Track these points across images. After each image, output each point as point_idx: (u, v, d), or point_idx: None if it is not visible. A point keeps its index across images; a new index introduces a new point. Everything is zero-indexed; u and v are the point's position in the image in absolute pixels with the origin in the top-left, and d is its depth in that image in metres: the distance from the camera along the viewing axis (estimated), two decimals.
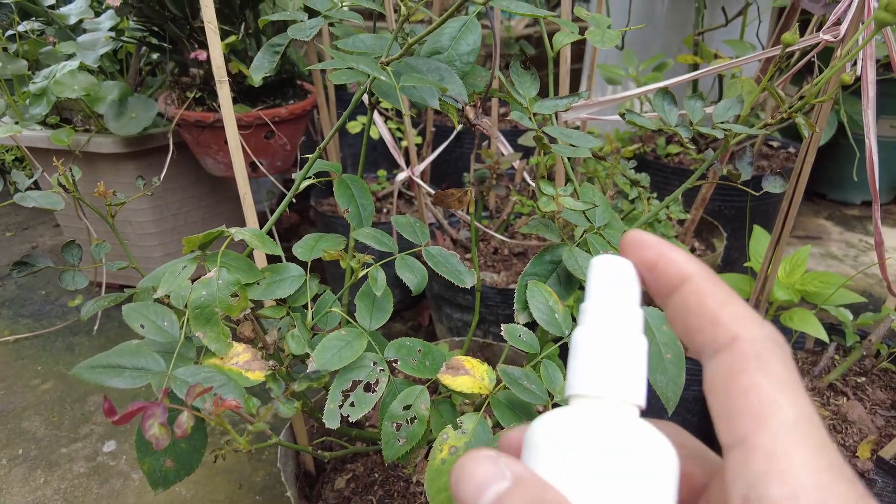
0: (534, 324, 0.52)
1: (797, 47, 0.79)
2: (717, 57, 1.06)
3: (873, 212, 0.73)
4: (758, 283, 0.78)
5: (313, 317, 0.53)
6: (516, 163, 1.05)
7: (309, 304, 0.53)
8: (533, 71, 0.58)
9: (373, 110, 0.61)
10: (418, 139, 1.27)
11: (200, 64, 1.02)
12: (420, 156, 1.22)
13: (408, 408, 0.49)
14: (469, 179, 1.13)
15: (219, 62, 0.61)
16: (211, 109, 1.05)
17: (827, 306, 0.80)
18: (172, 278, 0.51)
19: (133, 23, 1.05)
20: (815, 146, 0.75)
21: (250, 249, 0.56)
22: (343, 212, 0.56)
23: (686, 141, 0.57)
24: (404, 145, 1.15)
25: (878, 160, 0.72)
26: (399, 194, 1.32)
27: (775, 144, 1.37)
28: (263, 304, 0.56)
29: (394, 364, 0.51)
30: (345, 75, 0.48)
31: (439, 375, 0.48)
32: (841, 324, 0.83)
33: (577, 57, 1.82)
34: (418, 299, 1.24)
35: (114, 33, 1.10)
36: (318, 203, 1.30)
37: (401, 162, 0.96)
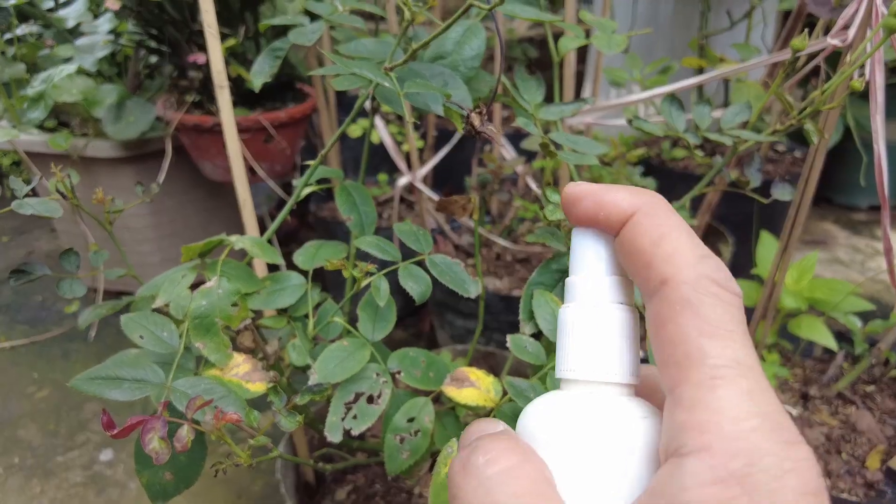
0: (540, 333, 0.51)
1: (804, 52, 0.78)
2: (722, 60, 1.05)
3: (882, 218, 0.72)
4: (765, 291, 0.76)
5: (314, 326, 0.52)
6: (519, 167, 1.04)
7: (311, 313, 0.52)
8: (538, 76, 0.57)
9: (374, 115, 0.60)
10: (420, 143, 1.26)
11: (199, 67, 1.01)
12: (422, 160, 1.21)
13: (411, 420, 0.48)
14: (471, 184, 1.12)
15: (219, 67, 0.60)
16: (210, 113, 1.04)
17: (835, 314, 0.79)
18: (172, 287, 0.50)
19: (131, 26, 1.04)
20: (823, 151, 0.74)
21: (250, 257, 0.55)
22: (345, 220, 0.55)
23: (693, 146, 0.56)
24: (405, 149, 1.14)
25: (887, 165, 0.71)
26: (400, 199, 1.31)
27: (781, 149, 1.36)
28: (264, 314, 0.55)
29: (396, 375, 0.50)
30: (347, 81, 0.47)
31: (444, 387, 0.47)
32: (849, 331, 0.82)
33: (580, 58, 1.81)
34: (420, 306, 1.23)
35: (112, 36, 1.10)
36: (318, 208, 1.29)
37: (402, 167, 0.95)
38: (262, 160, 1.07)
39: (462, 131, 0.49)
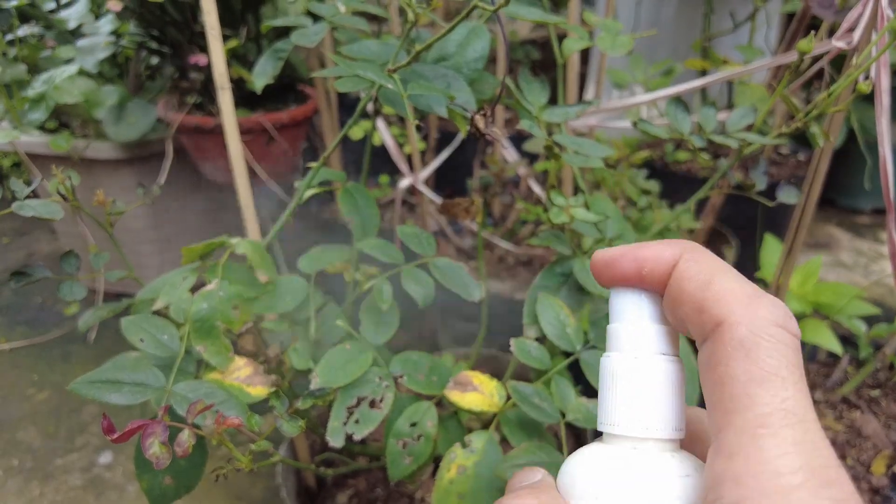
0: (544, 337, 0.50)
1: (809, 54, 0.78)
2: (726, 62, 1.05)
3: (888, 222, 0.71)
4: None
5: (316, 330, 0.52)
6: (521, 169, 1.04)
7: (312, 316, 0.52)
8: (542, 78, 0.57)
9: (376, 117, 0.60)
10: (422, 145, 1.26)
11: (200, 69, 1.01)
12: (423, 162, 1.21)
13: (414, 425, 0.47)
14: (473, 186, 1.12)
15: (221, 68, 0.60)
16: (211, 115, 1.04)
17: (840, 317, 0.79)
18: (172, 290, 0.50)
19: (133, 27, 1.04)
20: (828, 154, 0.73)
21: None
22: (347, 222, 0.54)
23: (697, 149, 0.56)
24: (407, 151, 1.14)
25: (893, 169, 0.70)
26: (402, 201, 1.31)
27: (785, 151, 1.35)
28: (265, 317, 0.54)
29: (399, 379, 0.49)
30: (351, 83, 0.46)
31: (447, 392, 0.47)
32: (854, 335, 0.81)
33: (582, 60, 1.81)
34: (421, 309, 1.22)
35: (113, 38, 1.09)
36: (320, 210, 1.29)
37: (404, 169, 0.95)
38: (263, 162, 1.06)
39: (466, 133, 0.48)
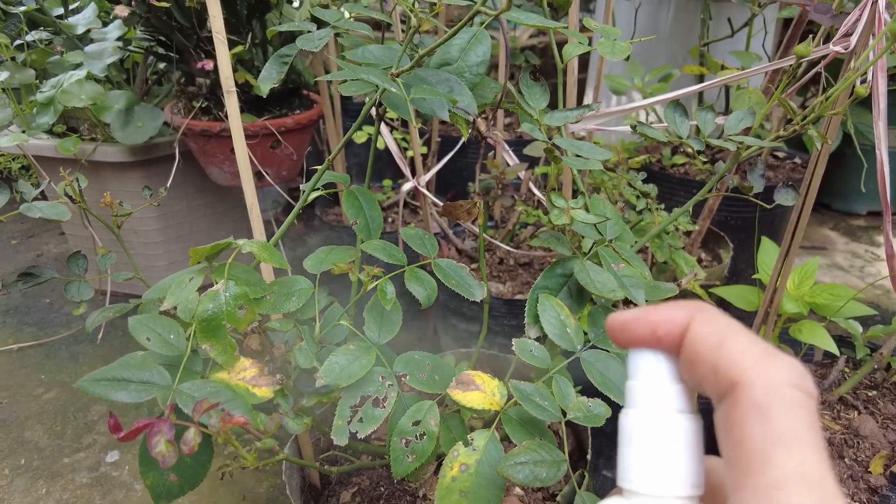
0: (544, 337, 0.51)
1: (806, 59, 0.79)
2: (723, 68, 1.06)
3: (884, 224, 0.72)
4: (767, 296, 0.77)
5: (321, 330, 0.53)
6: (522, 173, 1.05)
7: (317, 316, 0.53)
8: (542, 82, 0.58)
9: (380, 121, 0.61)
10: (424, 149, 1.27)
11: (207, 73, 1.03)
12: (425, 165, 1.22)
13: (417, 423, 0.48)
14: (474, 189, 1.13)
15: (227, 72, 0.61)
16: (217, 119, 1.05)
17: (836, 319, 0.80)
18: (179, 290, 0.51)
19: (140, 33, 1.05)
20: (825, 157, 0.74)
21: (258, 261, 0.55)
22: (352, 224, 0.55)
23: (695, 152, 0.57)
24: (410, 155, 1.15)
25: (889, 172, 0.71)
26: (404, 203, 1.32)
27: (781, 155, 1.36)
28: (270, 317, 0.55)
29: (402, 378, 0.50)
30: (355, 87, 0.47)
31: (449, 391, 0.48)
32: (850, 336, 0.82)
33: (582, 66, 1.82)
34: (424, 309, 1.23)
35: (121, 43, 1.11)
36: (324, 212, 1.30)
37: (406, 172, 0.96)
38: (268, 165, 1.08)
39: (468, 137, 0.49)
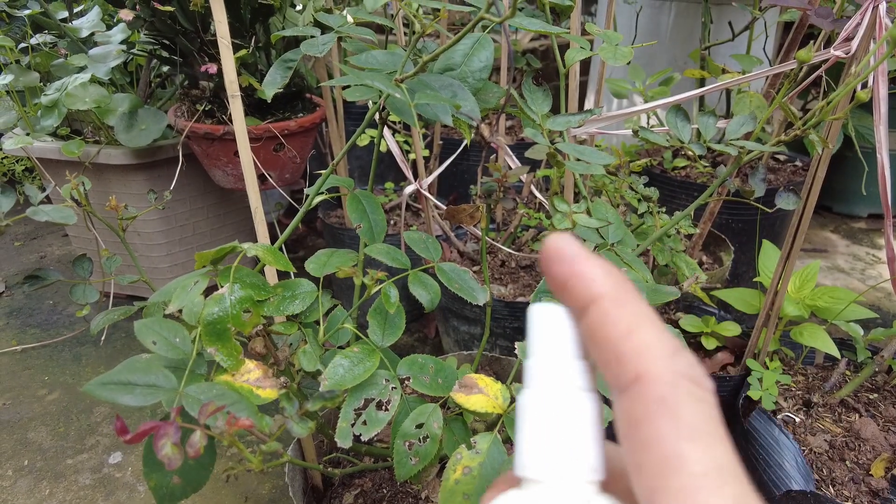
0: None
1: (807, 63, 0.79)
2: (724, 71, 1.06)
3: (885, 227, 0.72)
4: (768, 299, 0.77)
5: (325, 333, 0.53)
6: (523, 176, 1.06)
7: (321, 319, 0.53)
8: (545, 87, 0.58)
9: (383, 125, 0.61)
10: (426, 152, 1.28)
11: (210, 77, 1.03)
12: (428, 168, 1.22)
13: (420, 426, 0.48)
14: (476, 192, 1.13)
15: (231, 76, 0.62)
16: (220, 122, 1.06)
17: (837, 321, 0.80)
18: (184, 293, 0.51)
19: (144, 36, 1.06)
20: (826, 161, 0.75)
21: (262, 264, 0.56)
22: (355, 227, 0.56)
23: (696, 156, 0.57)
24: (412, 158, 1.16)
25: (890, 175, 0.71)
26: (406, 206, 1.33)
27: (782, 158, 1.37)
28: (275, 320, 0.56)
29: (405, 381, 0.51)
30: (359, 92, 0.48)
31: (453, 394, 0.48)
32: (851, 339, 0.82)
33: (582, 70, 1.83)
34: (425, 312, 1.24)
35: (125, 46, 1.11)
36: (326, 215, 1.30)
37: (409, 175, 0.97)
38: (271, 168, 1.08)
39: (470, 141, 0.50)
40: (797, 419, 0.76)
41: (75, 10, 1.25)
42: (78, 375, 1.13)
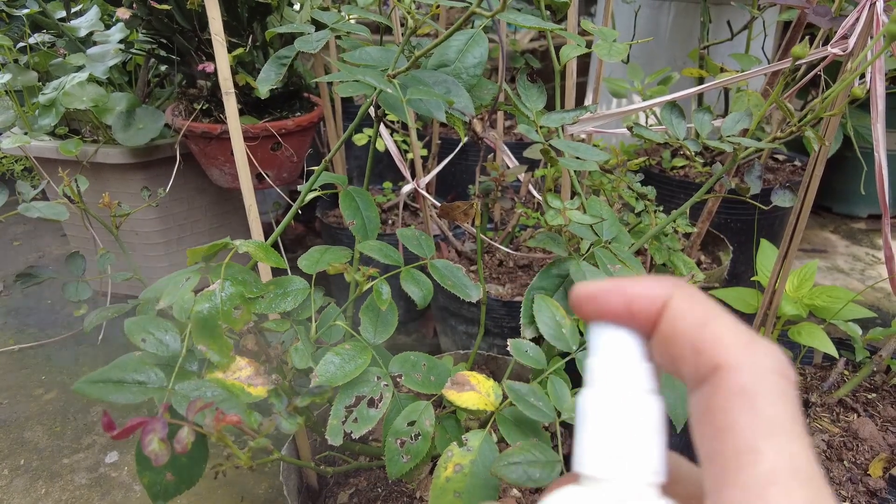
0: (540, 338, 0.51)
1: (805, 61, 0.79)
2: (723, 70, 1.06)
3: (883, 226, 0.72)
4: (765, 298, 0.77)
5: (317, 330, 0.53)
6: (521, 175, 1.05)
7: (313, 317, 0.53)
8: (539, 84, 0.58)
9: (379, 123, 0.61)
10: (424, 151, 1.28)
11: (208, 76, 1.03)
12: (426, 168, 1.22)
13: (412, 424, 0.48)
14: (474, 192, 1.13)
15: (225, 73, 0.62)
16: (218, 121, 1.06)
17: (836, 321, 0.79)
18: (175, 290, 0.51)
19: (142, 35, 1.06)
20: (824, 159, 0.74)
21: (254, 261, 0.56)
22: (348, 224, 0.56)
23: (693, 154, 0.57)
24: (410, 157, 1.16)
25: (888, 173, 0.71)
26: (404, 206, 1.32)
27: (781, 157, 1.36)
28: (268, 317, 0.56)
29: (398, 379, 0.50)
30: (351, 87, 0.48)
31: (444, 391, 0.48)
32: (850, 339, 0.82)
33: (582, 70, 1.83)
34: (423, 311, 1.24)
35: (123, 46, 1.12)
36: (324, 215, 1.30)
37: (406, 174, 0.96)
38: (269, 167, 1.08)
39: (465, 137, 0.50)
40: None
41: (74, 10, 1.25)
42: (75, 375, 1.13)
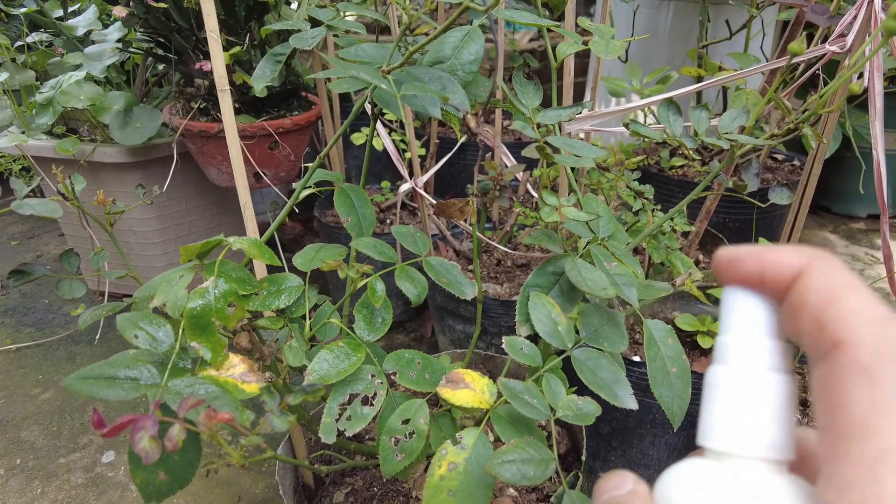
0: (536, 336, 0.51)
1: (803, 58, 0.79)
2: (721, 69, 1.05)
3: (881, 224, 0.72)
4: None
5: (311, 328, 0.53)
6: (520, 174, 1.05)
7: (307, 314, 0.53)
8: (536, 81, 0.58)
9: (375, 121, 0.61)
10: (422, 151, 1.27)
11: (205, 74, 1.03)
12: (424, 167, 1.22)
13: (406, 422, 0.48)
14: (472, 191, 1.13)
15: (220, 71, 0.61)
16: (216, 120, 1.05)
17: None
18: (169, 287, 0.51)
19: (139, 34, 1.06)
20: (822, 158, 0.74)
21: (249, 259, 0.55)
22: (343, 221, 0.55)
23: (690, 152, 0.57)
24: (408, 157, 1.15)
25: (886, 172, 0.71)
26: (403, 205, 1.32)
27: (779, 157, 1.36)
28: (262, 315, 0.55)
29: (393, 377, 0.50)
30: (346, 83, 0.47)
31: (438, 389, 0.47)
32: None
33: (581, 70, 1.83)
34: (421, 310, 1.23)
35: (120, 45, 1.11)
36: (322, 213, 1.30)
37: (404, 173, 0.96)
38: (266, 166, 1.08)
39: (460, 134, 0.49)
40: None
41: (72, 9, 1.25)
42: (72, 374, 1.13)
